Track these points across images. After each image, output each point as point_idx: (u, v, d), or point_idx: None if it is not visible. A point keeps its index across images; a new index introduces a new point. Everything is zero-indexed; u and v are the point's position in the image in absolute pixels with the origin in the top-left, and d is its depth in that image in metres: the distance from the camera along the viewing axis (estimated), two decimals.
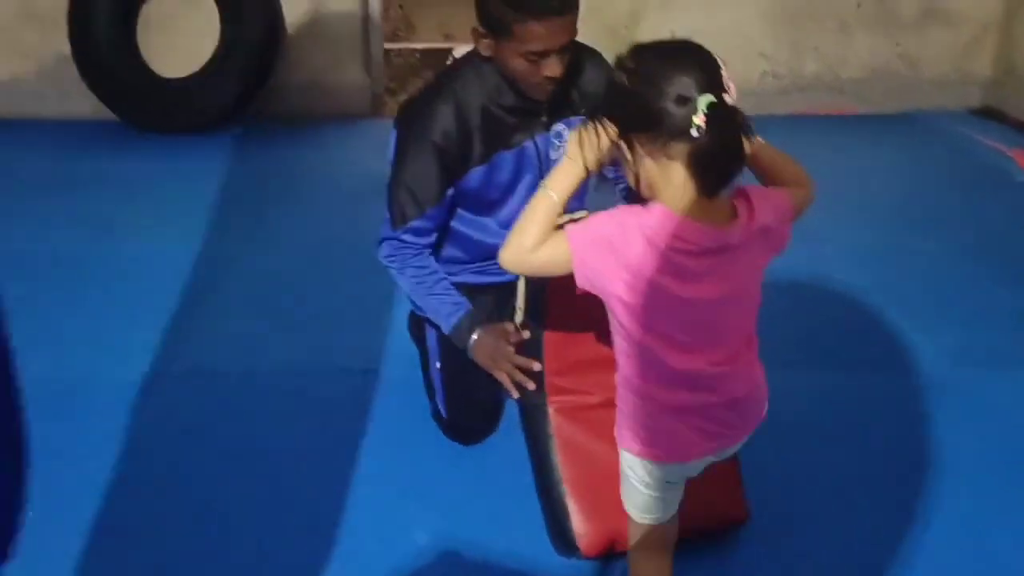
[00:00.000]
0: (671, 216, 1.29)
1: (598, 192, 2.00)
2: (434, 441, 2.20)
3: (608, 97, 1.34)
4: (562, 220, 1.40)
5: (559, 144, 1.98)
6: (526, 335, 1.84)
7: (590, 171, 1.37)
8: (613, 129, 1.32)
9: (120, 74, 4.55)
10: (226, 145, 4.44)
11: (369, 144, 3.77)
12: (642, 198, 1.35)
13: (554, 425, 1.87)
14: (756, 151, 1.41)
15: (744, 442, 1.53)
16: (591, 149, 1.34)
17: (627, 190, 2.12)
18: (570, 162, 1.38)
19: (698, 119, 1.21)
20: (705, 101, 1.21)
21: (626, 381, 1.43)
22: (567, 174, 1.38)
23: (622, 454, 1.50)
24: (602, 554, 1.83)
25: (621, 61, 1.31)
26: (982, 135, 4.65)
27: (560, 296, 1.79)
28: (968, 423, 2.31)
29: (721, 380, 1.40)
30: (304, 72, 4.88)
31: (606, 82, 1.34)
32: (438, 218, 1.99)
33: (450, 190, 1.95)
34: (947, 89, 5.11)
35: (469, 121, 1.90)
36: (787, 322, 2.74)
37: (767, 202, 1.37)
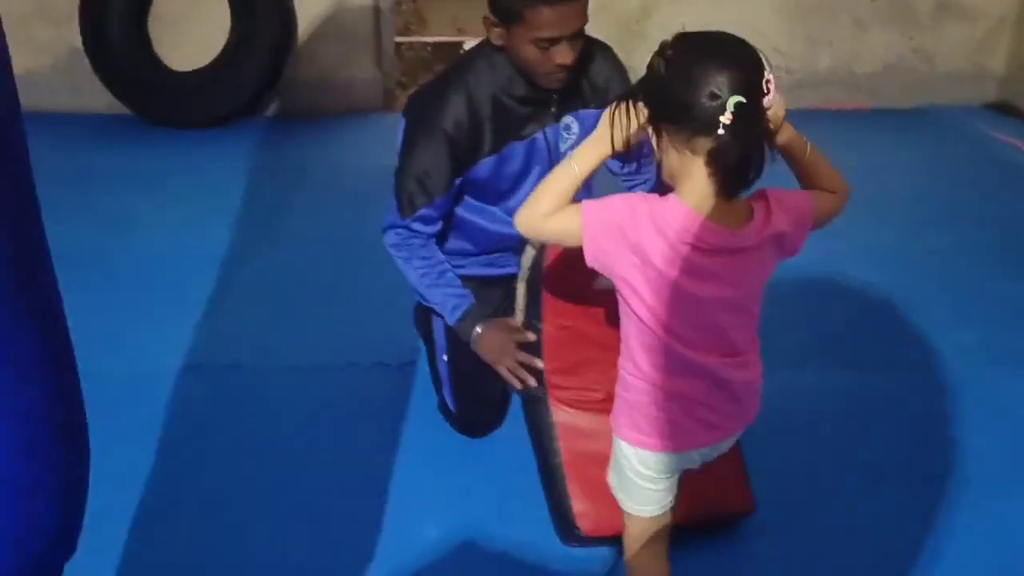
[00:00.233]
0: (685, 210, 1.28)
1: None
2: (442, 434, 2.20)
3: (644, 82, 1.32)
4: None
5: (568, 136, 1.98)
6: (531, 337, 1.85)
7: (616, 151, 1.37)
8: (645, 114, 1.32)
9: (133, 68, 4.57)
10: (238, 140, 4.46)
11: (381, 138, 3.75)
12: (665, 188, 1.35)
13: (555, 413, 1.87)
14: (798, 149, 1.41)
15: (740, 434, 1.54)
16: (621, 130, 1.34)
17: (634, 188, 2.11)
18: (598, 139, 1.38)
19: (724, 118, 1.20)
20: (734, 101, 1.20)
21: (631, 365, 1.42)
22: (593, 150, 1.39)
23: (618, 445, 1.49)
24: (603, 535, 1.82)
25: (663, 48, 1.29)
26: (997, 130, 4.62)
27: (558, 299, 1.82)
28: (984, 422, 2.29)
29: (726, 370, 1.40)
30: (316, 67, 4.89)
31: (647, 66, 1.32)
32: (445, 207, 1.99)
33: (458, 180, 1.95)
34: (962, 84, 5.07)
35: (480, 111, 1.90)
36: (801, 320, 2.73)
37: (786, 208, 1.36)
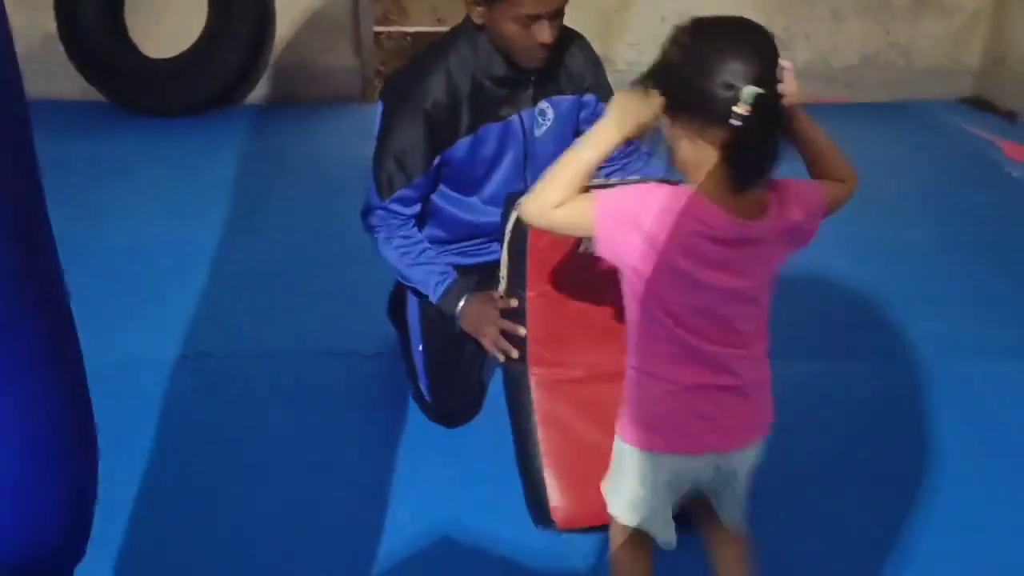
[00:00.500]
0: (698, 199, 1.26)
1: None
2: (417, 423, 2.20)
3: (657, 69, 1.29)
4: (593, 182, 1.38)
5: (543, 121, 1.99)
6: (513, 303, 1.83)
7: (627, 137, 1.34)
8: (657, 101, 1.28)
9: (107, 55, 4.52)
10: (215, 128, 4.42)
11: (360, 127, 3.74)
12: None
13: (536, 398, 1.86)
14: (811, 137, 1.38)
15: (752, 459, 1.46)
16: (632, 116, 1.31)
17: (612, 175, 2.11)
18: (609, 125, 1.34)
19: (740, 109, 1.17)
20: (751, 92, 1.17)
21: (637, 359, 1.39)
22: (603, 136, 1.34)
23: (620, 447, 1.45)
24: (577, 528, 1.83)
25: (677, 35, 1.26)
26: (972, 125, 4.66)
27: (542, 266, 1.79)
28: (953, 411, 2.32)
29: (733, 361, 1.36)
30: (294, 55, 4.85)
31: (660, 52, 1.29)
32: (424, 187, 1.99)
33: (437, 159, 1.95)
34: (938, 78, 5.11)
35: (459, 92, 1.91)
36: (777, 312, 2.74)
37: (800, 198, 1.34)
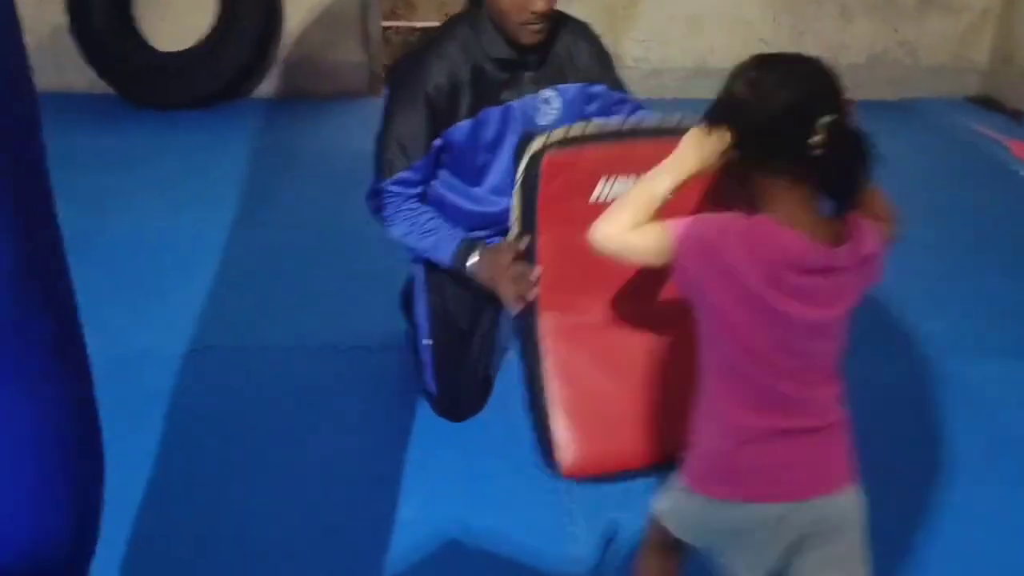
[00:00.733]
0: (782, 229, 1.24)
1: None
2: (424, 419, 2.22)
3: (726, 106, 1.30)
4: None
5: (549, 110, 2.00)
6: (523, 244, 1.82)
7: (700, 170, 1.35)
8: (728, 137, 1.29)
9: (116, 48, 4.53)
10: (223, 122, 4.43)
11: (366, 122, 3.73)
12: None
13: (546, 344, 1.84)
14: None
15: (843, 519, 1.36)
16: (707, 151, 1.32)
17: None
18: (684, 159, 1.35)
19: (817, 139, 1.19)
20: (826, 122, 1.19)
21: (711, 405, 1.36)
22: (678, 170, 1.35)
23: (695, 502, 1.38)
24: (586, 476, 1.82)
25: (741, 70, 1.28)
26: (979, 124, 4.66)
27: (553, 210, 1.78)
28: (960, 413, 2.31)
29: (808, 403, 1.33)
30: (302, 49, 4.86)
31: (725, 91, 1.30)
32: (425, 170, 2.00)
33: (437, 141, 1.97)
34: (945, 77, 5.11)
35: (459, 76, 1.93)
36: None
37: (874, 231, 1.34)
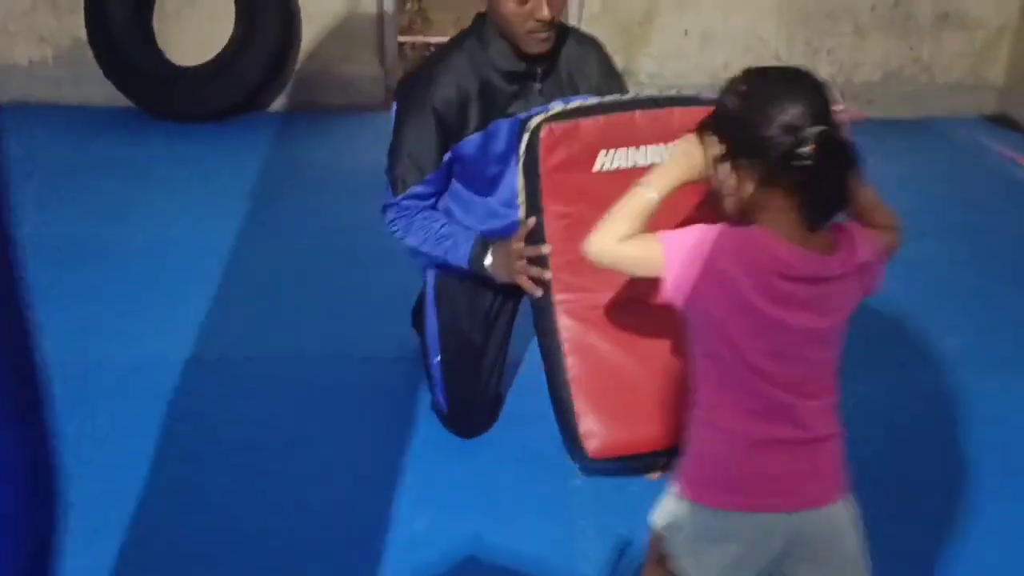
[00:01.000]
0: (773, 238, 1.26)
1: None
2: (434, 433, 2.22)
3: (716, 118, 1.33)
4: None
5: None
6: (531, 223, 1.81)
7: (690, 179, 1.37)
8: (718, 147, 1.31)
9: (135, 61, 4.59)
10: (240, 134, 4.47)
11: (381, 136, 3.74)
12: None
13: (562, 325, 1.84)
14: (861, 190, 1.38)
15: (833, 531, 1.36)
16: (697, 161, 1.35)
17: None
18: (674, 168, 1.37)
19: (806, 149, 1.20)
20: (814, 132, 1.21)
21: (702, 409, 1.36)
22: (668, 179, 1.37)
23: (686, 508, 1.37)
24: (611, 457, 1.80)
25: (732, 84, 1.30)
26: (995, 142, 4.64)
27: (556, 187, 1.78)
28: (971, 428, 2.30)
29: (803, 412, 1.33)
30: (318, 63, 4.90)
31: (716, 103, 1.33)
32: (436, 183, 2.02)
33: (448, 154, 1.98)
34: (961, 95, 5.09)
35: (467, 89, 1.94)
36: None
37: (869, 240, 1.35)
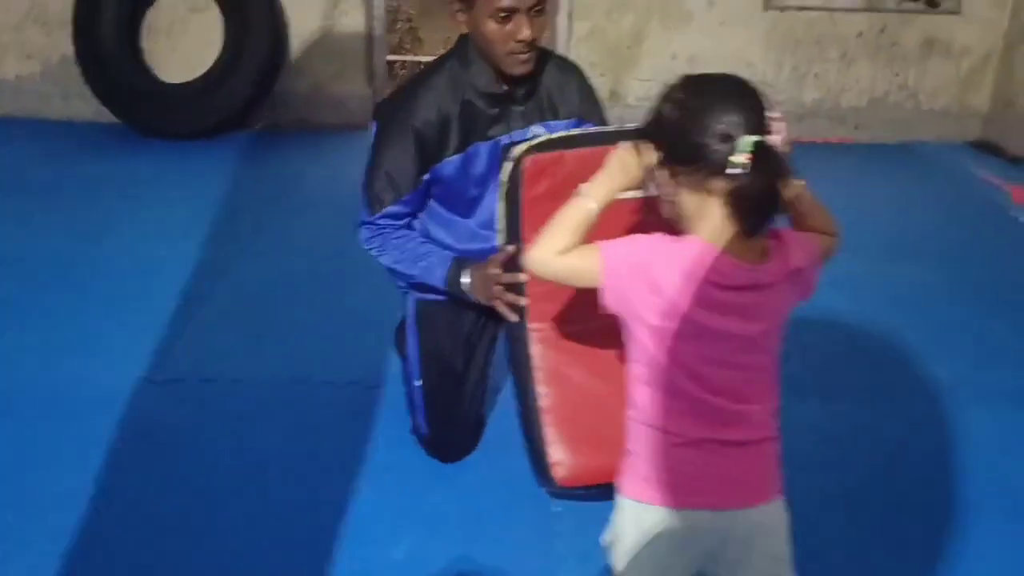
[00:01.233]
0: (706, 247, 1.28)
1: None
2: (415, 457, 2.20)
3: (653, 125, 1.34)
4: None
5: None
6: (510, 249, 1.81)
7: (629, 188, 1.40)
8: (655, 155, 1.33)
9: (123, 78, 4.59)
10: (227, 152, 4.47)
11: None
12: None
13: (535, 354, 1.84)
14: (794, 194, 1.41)
15: (765, 531, 1.39)
16: (632, 170, 1.37)
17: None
18: (610, 178, 1.39)
19: (740, 158, 1.22)
20: (748, 141, 1.22)
21: (638, 411, 1.39)
22: (606, 186, 1.40)
23: (620, 502, 1.42)
24: (579, 485, 1.80)
25: (669, 92, 1.31)
26: (979, 168, 4.68)
27: (536, 216, 1.74)
28: (955, 459, 2.30)
29: (739, 416, 1.35)
30: (307, 81, 4.91)
31: (653, 110, 1.34)
32: (413, 204, 2.02)
33: (426, 175, 1.98)
34: (946, 121, 5.14)
35: (448, 111, 1.94)
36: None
37: (799, 244, 1.37)
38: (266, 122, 4.83)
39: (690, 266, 1.28)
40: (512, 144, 1.79)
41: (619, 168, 1.39)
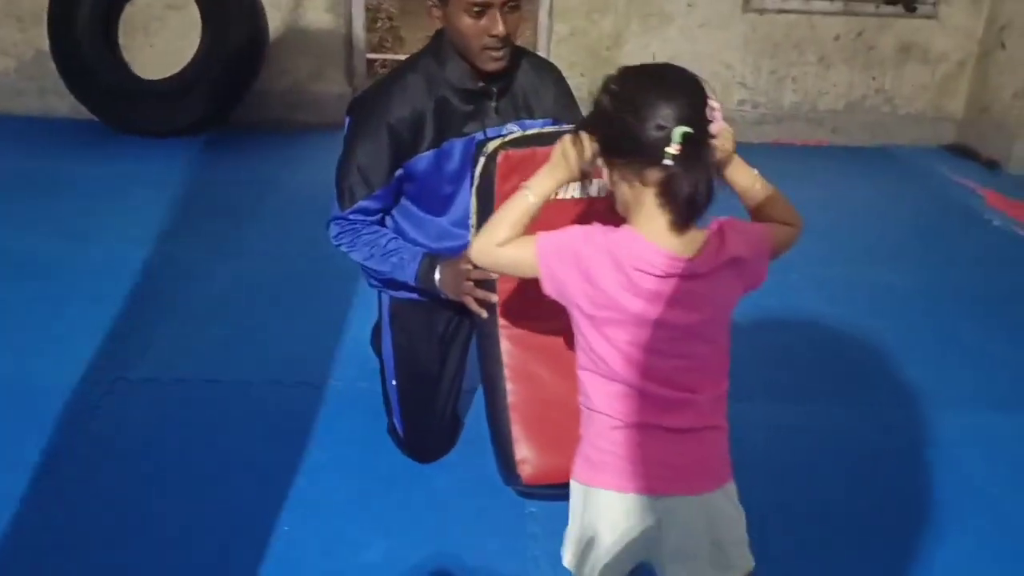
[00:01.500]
0: (638, 239, 1.31)
1: None
2: (390, 458, 2.19)
3: (592, 116, 1.36)
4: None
5: None
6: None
7: (571, 180, 1.41)
8: (594, 146, 1.35)
9: (99, 74, 4.54)
10: (203, 150, 4.43)
11: None
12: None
13: (505, 351, 1.85)
14: (745, 181, 1.44)
15: (705, 518, 1.39)
16: (573, 161, 1.38)
17: None
18: (553, 167, 1.41)
19: (671, 149, 1.23)
20: (680, 132, 1.23)
21: (585, 396, 1.42)
22: (548, 178, 1.42)
23: (573, 491, 1.45)
24: (543, 484, 1.80)
25: (607, 83, 1.33)
26: (954, 172, 4.73)
27: None
28: (926, 461, 2.32)
29: (682, 404, 1.37)
30: (286, 80, 4.88)
31: (593, 102, 1.36)
32: (385, 199, 2.01)
33: (399, 171, 1.98)
34: (922, 125, 5.19)
35: (422, 107, 1.94)
36: (746, 353, 2.75)
37: (742, 236, 1.38)
38: (244, 120, 4.79)
39: (620, 255, 1.31)
40: (486, 141, 1.80)
41: (559, 160, 1.40)
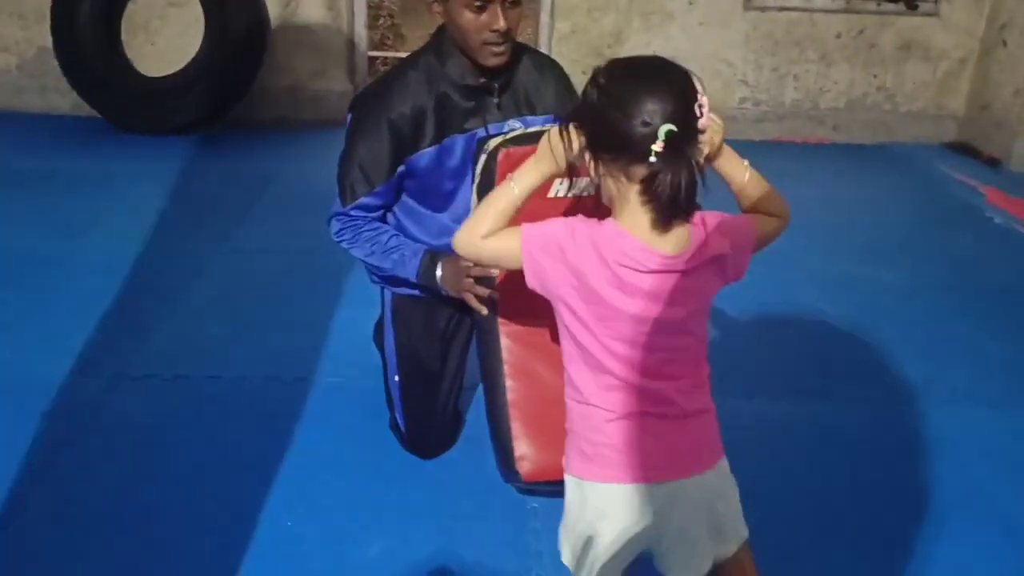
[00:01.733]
0: (624, 235, 1.31)
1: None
2: (392, 453, 2.20)
3: (579, 110, 1.35)
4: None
5: None
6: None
7: (556, 173, 1.41)
8: (581, 140, 1.34)
9: (101, 71, 4.55)
10: (205, 147, 4.44)
11: None
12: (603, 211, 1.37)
13: (505, 348, 1.85)
14: (735, 173, 1.44)
15: (702, 503, 1.40)
16: (558, 155, 1.38)
17: None
18: (538, 161, 1.41)
19: (656, 146, 1.23)
20: (664, 129, 1.22)
21: (572, 389, 1.42)
22: (534, 171, 1.41)
23: (568, 485, 1.43)
24: (543, 481, 1.81)
25: (595, 76, 1.32)
26: (955, 170, 4.73)
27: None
28: (926, 458, 2.32)
29: (668, 392, 1.38)
30: (288, 77, 4.89)
31: (580, 94, 1.35)
32: (386, 195, 2.02)
33: (401, 167, 1.98)
34: (923, 123, 5.20)
35: (423, 103, 1.94)
36: (746, 349, 2.77)
37: (725, 231, 1.38)
38: (245, 118, 4.80)
39: (605, 251, 1.31)
40: (488, 137, 1.80)
41: (545, 153, 1.39)
